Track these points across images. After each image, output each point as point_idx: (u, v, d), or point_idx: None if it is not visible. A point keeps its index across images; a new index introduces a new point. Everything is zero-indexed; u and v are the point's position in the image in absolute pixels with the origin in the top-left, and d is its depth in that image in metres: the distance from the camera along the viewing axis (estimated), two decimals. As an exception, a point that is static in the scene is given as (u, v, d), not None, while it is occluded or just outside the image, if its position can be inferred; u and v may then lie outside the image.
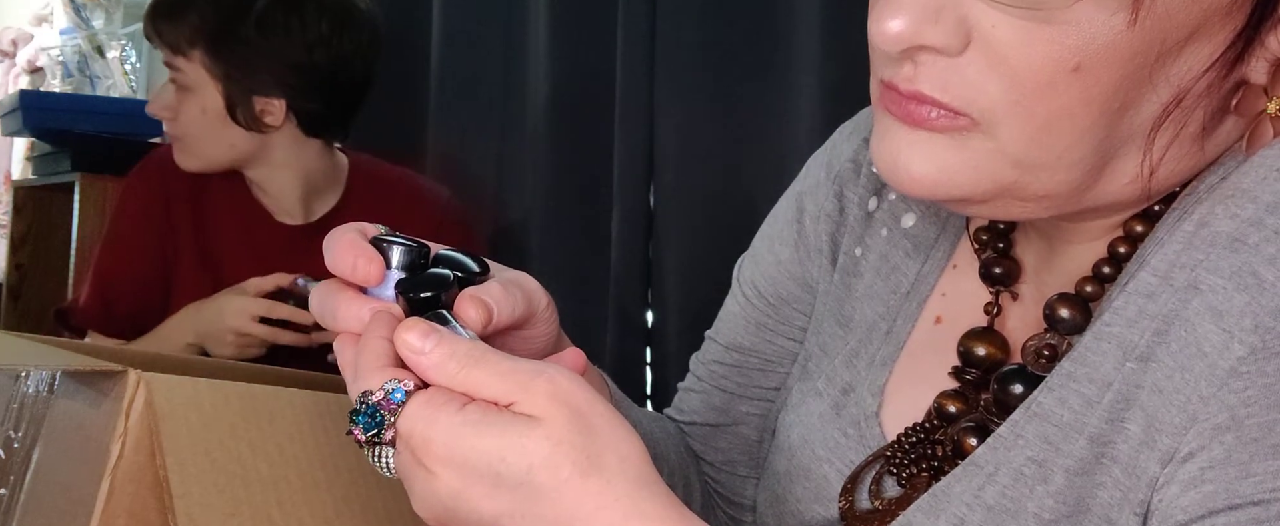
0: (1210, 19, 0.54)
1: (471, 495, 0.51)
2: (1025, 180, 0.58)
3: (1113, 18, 0.53)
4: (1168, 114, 0.56)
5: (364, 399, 0.53)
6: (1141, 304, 0.57)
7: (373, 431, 0.53)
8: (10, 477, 0.77)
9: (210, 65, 1.59)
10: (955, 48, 0.56)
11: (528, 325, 0.62)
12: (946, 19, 0.55)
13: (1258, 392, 0.51)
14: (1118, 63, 0.54)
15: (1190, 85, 0.56)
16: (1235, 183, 0.57)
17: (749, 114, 1.61)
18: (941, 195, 0.59)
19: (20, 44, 3.75)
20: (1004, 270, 0.70)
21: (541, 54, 1.89)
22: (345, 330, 0.58)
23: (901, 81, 0.58)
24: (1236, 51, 0.55)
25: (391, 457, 0.54)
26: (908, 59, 0.57)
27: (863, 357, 0.74)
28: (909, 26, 0.56)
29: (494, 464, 0.50)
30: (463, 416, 0.52)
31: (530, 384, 0.52)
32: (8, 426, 0.79)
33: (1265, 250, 0.53)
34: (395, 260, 0.58)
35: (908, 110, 0.58)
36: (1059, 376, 0.60)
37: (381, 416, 0.53)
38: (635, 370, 1.78)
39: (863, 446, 0.71)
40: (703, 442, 0.86)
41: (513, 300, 0.59)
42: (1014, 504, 0.59)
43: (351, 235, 0.59)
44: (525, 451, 0.50)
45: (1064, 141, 0.56)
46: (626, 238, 1.76)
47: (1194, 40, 0.55)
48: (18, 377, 0.80)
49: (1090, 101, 0.55)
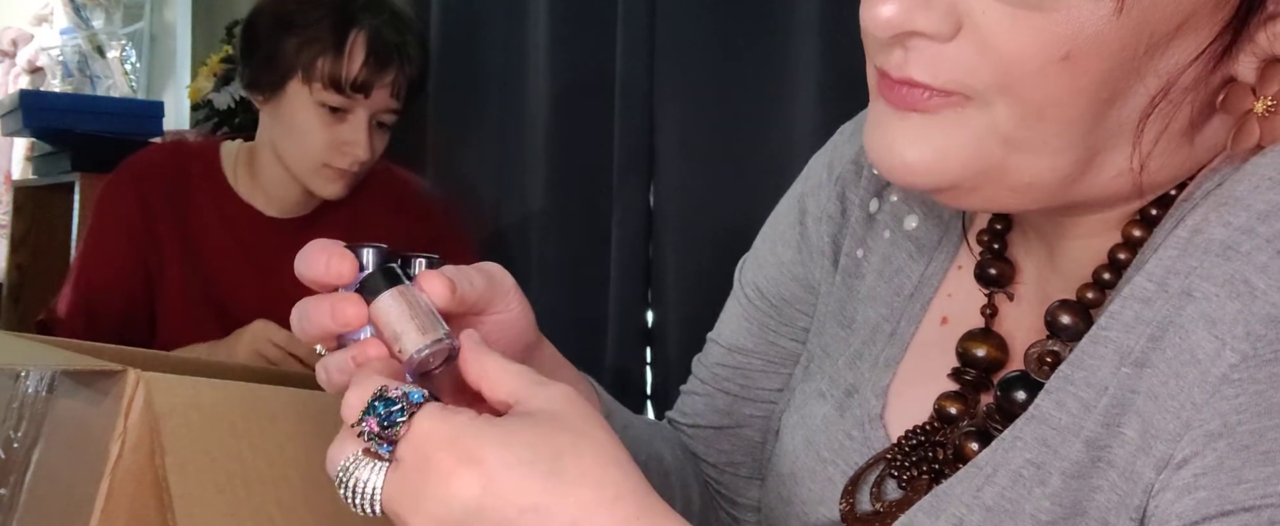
0: (1198, 12, 0.54)
1: (500, 490, 0.50)
2: (1013, 162, 0.58)
3: (1099, 6, 0.53)
4: (1155, 105, 0.56)
5: (381, 393, 0.53)
6: (1137, 309, 0.57)
7: (388, 425, 0.52)
8: (10, 477, 0.77)
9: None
10: (946, 33, 0.56)
11: (495, 308, 0.63)
12: (937, 4, 0.56)
13: (1249, 399, 0.51)
14: (1106, 52, 0.54)
15: (1177, 77, 0.56)
16: (1229, 190, 0.57)
17: (749, 114, 1.61)
18: (933, 182, 0.59)
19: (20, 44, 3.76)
20: (998, 272, 0.70)
21: (541, 53, 1.89)
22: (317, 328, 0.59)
23: (892, 68, 0.58)
24: (1223, 45, 0.55)
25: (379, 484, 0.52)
26: (898, 45, 0.58)
27: (866, 359, 0.75)
28: (900, 12, 0.56)
29: (524, 454, 0.50)
30: (484, 418, 0.52)
31: (545, 384, 0.54)
32: (8, 426, 0.80)
33: (1257, 258, 0.53)
34: (367, 261, 0.59)
35: (900, 95, 0.58)
36: (1057, 380, 0.60)
37: (400, 410, 0.52)
38: (635, 370, 1.78)
39: (867, 448, 0.71)
40: (706, 445, 0.86)
41: (470, 277, 0.61)
42: (1012, 505, 0.59)
43: (322, 241, 0.60)
44: (551, 438, 0.51)
45: (1053, 128, 0.56)
46: (626, 238, 1.76)
47: (1182, 33, 0.55)
48: (17, 377, 0.80)
49: (1079, 91, 0.55)
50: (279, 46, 1.61)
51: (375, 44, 1.61)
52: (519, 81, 1.96)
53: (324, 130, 1.62)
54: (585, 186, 1.84)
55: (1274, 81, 0.56)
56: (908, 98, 0.58)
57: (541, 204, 1.91)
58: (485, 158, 2.05)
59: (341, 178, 1.65)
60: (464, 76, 2.05)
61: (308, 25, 1.60)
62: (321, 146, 1.62)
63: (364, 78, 1.60)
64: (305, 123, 1.62)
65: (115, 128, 2.54)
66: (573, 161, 1.86)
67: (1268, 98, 0.56)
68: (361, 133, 1.62)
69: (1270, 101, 0.56)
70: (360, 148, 1.62)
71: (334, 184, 1.65)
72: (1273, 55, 0.56)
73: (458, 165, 2.09)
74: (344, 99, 1.60)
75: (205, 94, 2.44)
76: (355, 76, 1.59)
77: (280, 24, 1.62)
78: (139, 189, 1.69)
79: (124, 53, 3.46)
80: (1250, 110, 0.57)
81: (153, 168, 1.72)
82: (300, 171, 1.65)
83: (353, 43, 1.60)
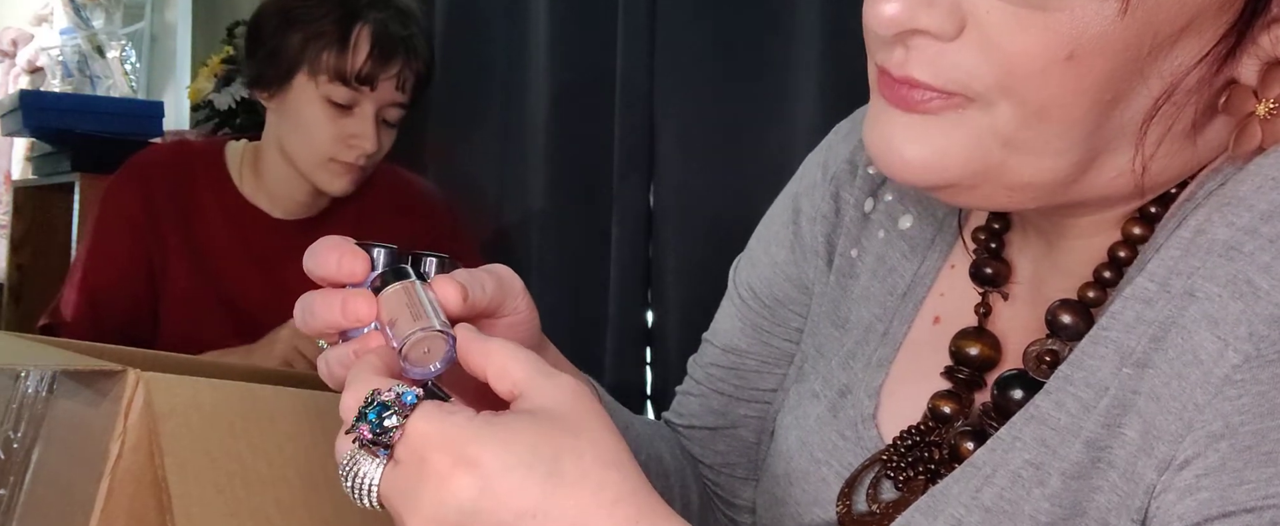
0: (1203, 14, 0.54)
1: (497, 493, 0.49)
2: (1012, 163, 0.58)
3: (1104, 6, 0.53)
4: (1158, 107, 0.56)
5: (373, 397, 0.52)
6: (1139, 310, 0.57)
7: (381, 431, 0.51)
8: (10, 477, 0.77)
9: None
10: (949, 32, 0.56)
11: (504, 311, 0.63)
12: (941, 3, 0.55)
13: (1251, 400, 0.51)
14: (1110, 53, 0.54)
15: (1180, 79, 0.56)
16: (1232, 190, 0.57)
17: (749, 113, 1.61)
18: (932, 180, 0.59)
19: (20, 44, 3.76)
20: (994, 271, 0.70)
21: (542, 53, 1.89)
22: (323, 322, 0.58)
23: (893, 66, 0.58)
24: (1227, 47, 0.55)
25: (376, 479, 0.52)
26: (899, 43, 0.57)
27: (859, 359, 0.74)
28: (904, 10, 0.56)
29: (523, 456, 0.50)
30: (482, 418, 0.51)
31: (552, 376, 0.53)
32: (8, 426, 0.80)
33: (1260, 258, 0.53)
34: (378, 260, 0.59)
35: (900, 94, 0.58)
36: (1057, 380, 0.60)
37: (392, 414, 0.51)
38: (635, 370, 1.78)
39: (860, 448, 0.71)
40: (702, 445, 0.86)
41: (482, 280, 0.60)
42: (1011, 506, 0.59)
43: (334, 238, 0.59)
44: (551, 438, 0.50)
45: (1054, 129, 0.56)
46: (626, 238, 1.76)
47: (1186, 35, 0.55)
48: (17, 377, 0.80)
49: (1082, 92, 0.55)
50: (284, 42, 1.62)
51: (380, 37, 1.61)
52: (519, 81, 1.96)
53: (330, 124, 1.62)
54: (585, 186, 1.84)
55: (1276, 84, 0.56)
56: (908, 98, 0.58)
57: (541, 203, 1.91)
58: (486, 157, 2.05)
59: (348, 172, 1.65)
60: (465, 76, 2.05)
61: (312, 20, 1.61)
62: (328, 141, 1.62)
63: (369, 70, 1.60)
64: (311, 117, 1.62)
65: (115, 128, 2.54)
66: (573, 161, 1.86)
67: (1270, 100, 0.56)
68: (368, 125, 1.62)
69: (1272, 104, 0.56)
70: (367, 140, 1.62)
71: (340, 179, 1.65)
72: (1275, 58, 0.56)
73: (458, 165, 2.10)
74: (350, 92, 1.60)
75: (205, 94, 2.44)
76: (360, 69, 1.60)
77: (285, 19, 1.62)
78: (143, 188, 1.69)
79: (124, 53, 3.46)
80: (1252, 112, 0.57)
81: (157, 167, 1.72)
82: (307, 167, 1.65)
83: (357, 36, 1.60)
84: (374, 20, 1.61)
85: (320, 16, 1.61)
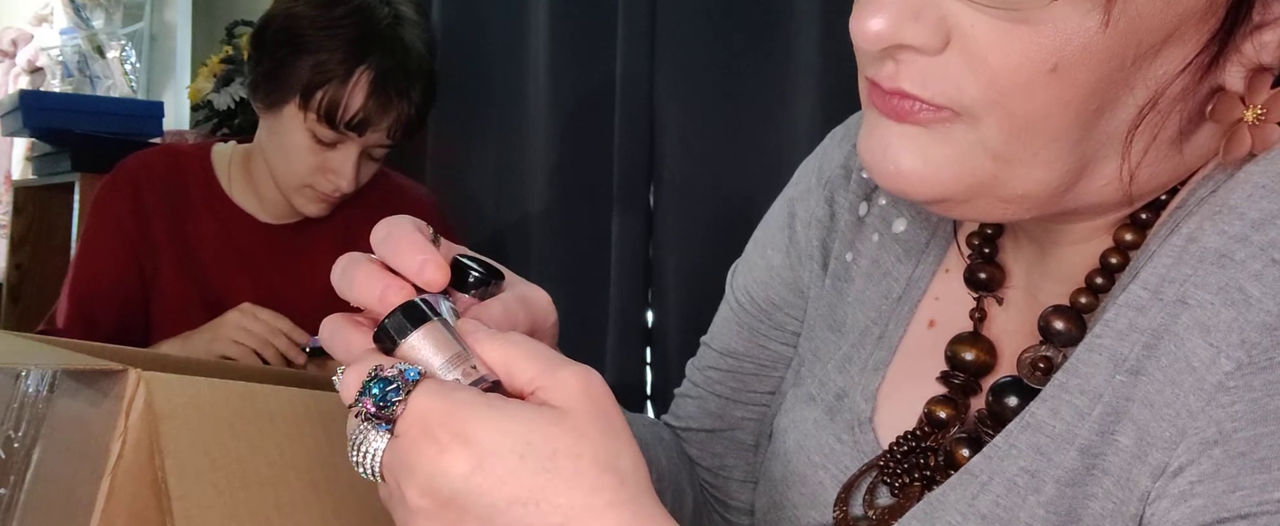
0: (1186, 23, 0.54)
1: (491, 474, 0.49)
2: (1004, 176, 0.58)
3: (1087, 18, 0.53)
4: (1143, 116, 0.56)
5: (376, 372, 0.52)
6: (1132, 317, 0.57)
7: (384, 404, 0.51)
8: (10, 477, 0.77)
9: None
10: (935, 46, 0.56)
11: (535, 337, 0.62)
12: (926, 18, 0.56)
13: (1244, 407, 0.51)
14: (1094, 64, 0.54)
15: (1165, 87, 0.56)
16: (1223, 198, 0.57)
17: (749, 114, 1.61)
18: (925, 193, 0.59)
19: (20, 44, 3.76)
20: (988, 276, 0.70)
21: (542, 55, 1.89)
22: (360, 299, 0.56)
23: (883, 79, 0.58)
24: (1211, 55, 0.56)
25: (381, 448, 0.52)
26: (888, 57, 0.58)
27: (855, 363, 0.75)
28: (889, 26, 0.56)
29: (518, 445, 0.49)
30: (486, 399, 0.51)
31: (560, 371, 0.52)
32: (8, 426, 0.80)
33: (1252, 266, 0.53)
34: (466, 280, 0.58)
35: (892, 105, 0.58)
36: (1052, 388, 0.60)
37: (396, 389, 0.51)
38: (635, 370, 1.78)
39: (857, 452, 0.71)
40: (699, 448, 0.87)
41: (513, 319, 0.58)
42: (1007, 513, 0.59)
43: (417, 235, 0.58)
44: (551, 437, 0.50)
45: (1041, 140, 0.56)
46: (626, 238, 1.76)
47: (1170, 44, 0.55)
48: (18, 377, 0.80)
49: (1068, 102, 0.55)
50: (285, 64, 1.58)
51: (379, 86, 1.57)
52: (520, 83, 1.96)
53: (311, 155, 1.60)
54: (586, 187, 1.84)
55: (1262, 90, 0.56)
56: (900, 108, 0.58)
57: (542, 204, 1.91)
58: (487, 159, 2.05)
59: (323, 200, 1.64)
60: (466, 77, 2.05)
61: (319, 50, 1.56)
62: (307, 170, 1.61)
63: (361, 119, 1.57)
64: (294, 145, 1.60)
65: (115, 128, 2.54)
66: (573, 162, 1.86)
67: (1258, 106, 0.56)
68: (349, 166, 1.60)
69: (1260, 110, 0.56)
70: (344, 180, 1.60)
71: (315, 204, 1.64)
72: (1259, 64, 0.56)
73: (460, 166, 2.10)
74: (336, 135, 1.58)
75: (205, 94, 2.44)
76: (352, 116, 1.56)
77: (293, 40, 1.58)
78: (132, 193, 1.69)
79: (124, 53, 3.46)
80: (1241, 119, 0.57)
81: (146, 171, 1.71)
82: (283, 187, 1.65)
83: (357, 81, 1.56)
84: (377, 68, 1.57)
85: (329, 48, 1.56)
